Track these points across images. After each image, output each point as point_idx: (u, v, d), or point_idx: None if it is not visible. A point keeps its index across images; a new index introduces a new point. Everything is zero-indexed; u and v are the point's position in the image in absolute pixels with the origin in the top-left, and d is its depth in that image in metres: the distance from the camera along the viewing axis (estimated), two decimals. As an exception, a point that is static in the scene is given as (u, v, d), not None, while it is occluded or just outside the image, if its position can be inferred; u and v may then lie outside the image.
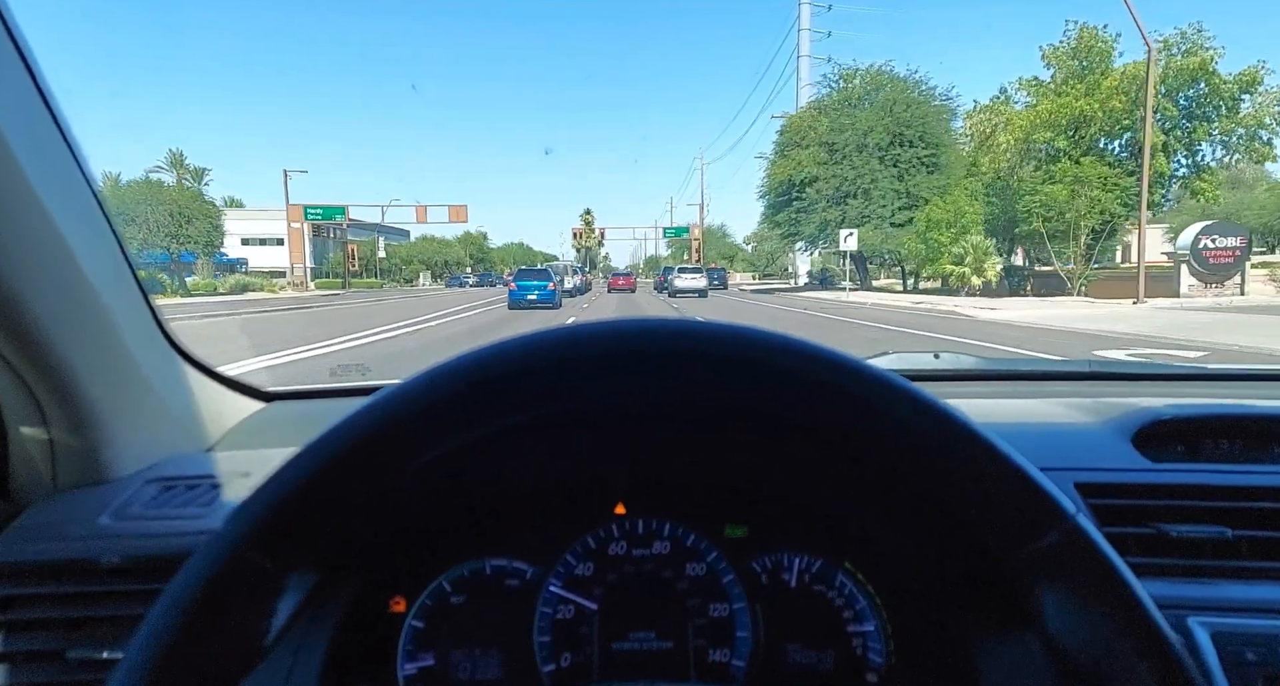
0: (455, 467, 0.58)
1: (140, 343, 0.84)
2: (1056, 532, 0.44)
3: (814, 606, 0.75)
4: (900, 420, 0.45)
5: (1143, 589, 0.43)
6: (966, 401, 1.05)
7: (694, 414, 0.55)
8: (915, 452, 0.47)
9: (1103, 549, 0.43)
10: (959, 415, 0.45)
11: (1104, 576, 0.43)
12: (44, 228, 0.68)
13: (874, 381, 0.45)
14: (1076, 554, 0.44)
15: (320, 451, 0.44)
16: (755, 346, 0.45)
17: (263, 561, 0.43)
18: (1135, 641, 0.43)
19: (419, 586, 0.74)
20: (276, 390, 1.17)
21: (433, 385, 0.45)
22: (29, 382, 0.74)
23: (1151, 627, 0.42)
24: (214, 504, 0.79)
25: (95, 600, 0.71)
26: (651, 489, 0.76)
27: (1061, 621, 0.47)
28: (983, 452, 0.45)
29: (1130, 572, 0.43)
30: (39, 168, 0.66)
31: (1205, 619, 0.65)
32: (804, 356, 0.45)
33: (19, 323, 0.68)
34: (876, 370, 0.45)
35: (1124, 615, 0.43)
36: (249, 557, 0.43)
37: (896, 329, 12.45)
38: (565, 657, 0.72)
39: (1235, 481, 0.79)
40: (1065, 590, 0.46)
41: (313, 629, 0.66)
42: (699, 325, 0.46)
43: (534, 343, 0.45)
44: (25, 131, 0.65)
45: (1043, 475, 0.45)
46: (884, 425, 0.46)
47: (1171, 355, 8.08)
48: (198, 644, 0.41)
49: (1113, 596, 0.43)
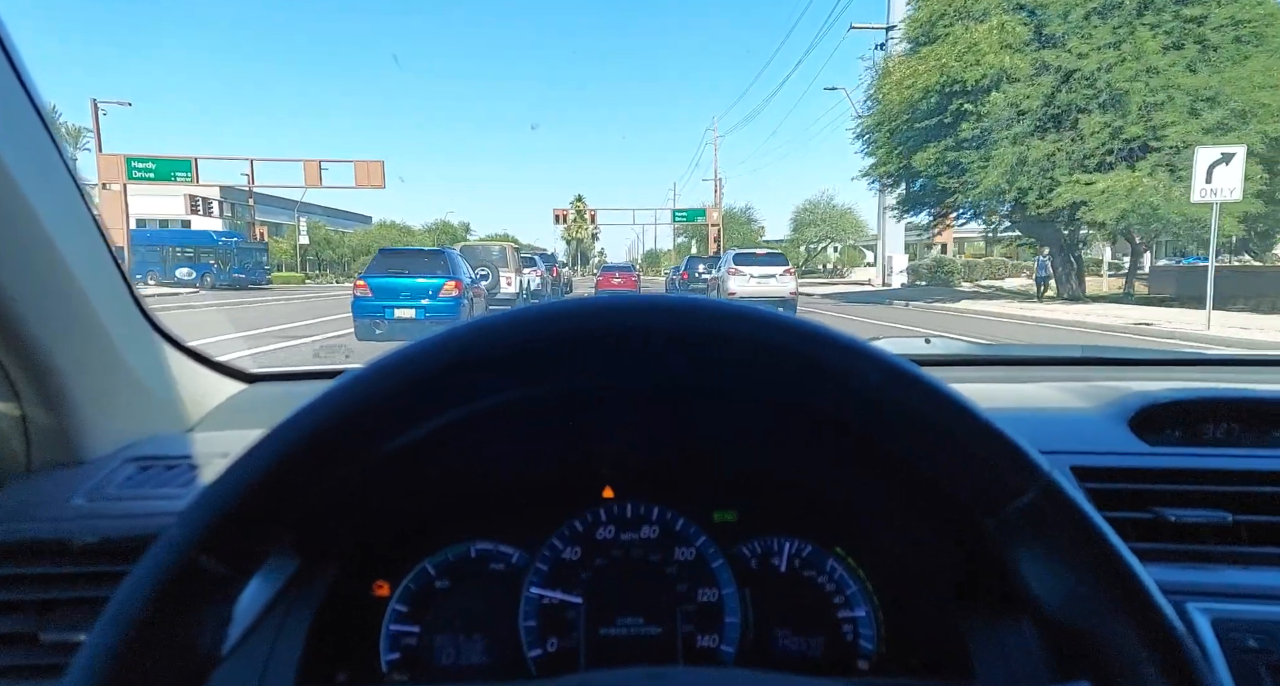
0: (438, 450, 0.57)
1: (118, 322, 0.83)
2: (1033, 491, 0.44)
3: (804, 591, 0.75)
4: (873, 386, 0.45)
5: (1122, 543, 0.43)
6: (959, 386, 0.96)
7: (679, 396, 0.55)
8: (890, 419, 0.47)
9: (1079, 504, 0.43)
10: (930, 378, 0.45)
11: (1081, 531, 0.43)
12: (15, 203, 0.66)
13: (845, 349, 0.45)
14: (1053, 511, 0.43)
15: (272, 446, 0.42)
16: (731, 319, 0.44)
17: (215, 566, 0.41)
18: (1115, 595, 0.42)
19: (403, 570, 0.73)
20: (259, 371, 1.16)
21: (400, 367, 0.43)
22: (1, 360, 0.73)
23: (1130, 577, 0.42)
24: (192, 484, 0.79)
25: (69, 581, 0.70)
26: (640, 473, 0.76)
27: (1043, 583, 0.46)
28: (954, 413, 0.45)
29: (1109, 528, 0.43)
30: (16, 153, 0.65)
31: (1205, 605, 0.64)
32: (777, 327, 0.45)
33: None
34: (847, 337, 0.45)
35: (1102, 568, 0.43)
36: (199, 563, 0.41)
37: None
38: (551, 642, 0.72)
39: (1234, 465, 0.79)
40: (1043, 549, 0.46)
41: (293, 613, 0.65)
42: (678, 300, 0.45)
43: (512, 320, 0.44)
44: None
45: (1016, 433, 0.45)
46: (857, 393, 0.46)
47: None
48: (148, 653, 0.39)
49: (1091, 552, 0.43)
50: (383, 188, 30.01)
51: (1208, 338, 10.09)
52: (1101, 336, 10.83)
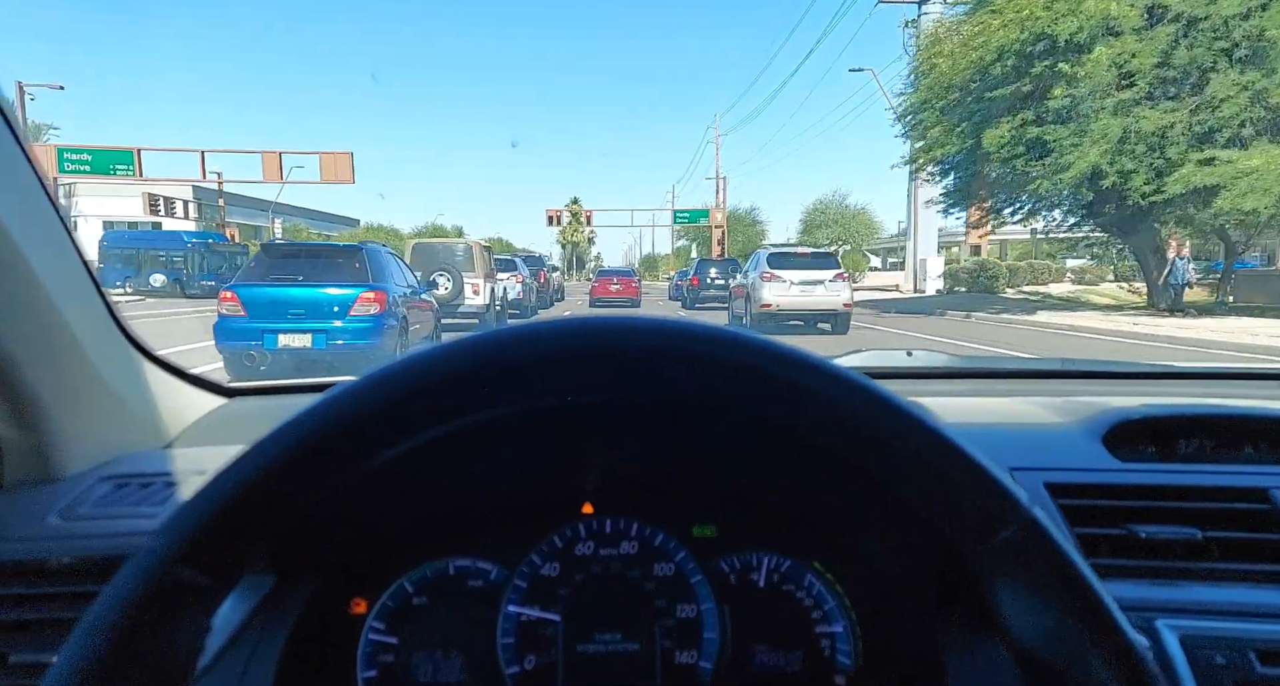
0: (416, 467, 0.57)
1: (93, 337, 0.82)
2: (1013, 527, 0.44)
3: (782, 607, 0.74)
4: (859, 416, 0.45)
5: (1098, 581, 0.43)
6: (937, 400, 1.02)
7: (658, 412, 0.56)
8: (874, 449, 0.47)
9: (1058, 543, 0.44)
10: (916, 411, 0.45)
11: (1059, 570, 0.43)
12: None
13: (830, 377, 0.45)
14: (1032, 548, 0.44)
15: (254, 460, 0.42)
16: (712, 343, 0.45)
17: (194, 577, 0.42)
18: (1090, 633, 0.43)
19: (380, 587, 0.73)
20: (237, 386, 1.14)
21: (379, 386, 0.43)
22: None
23: (1106, 619, 0.42)
24: (168, 503, 0.78)
25: (41, 602, 0.69)
26: (619, 488, 0.75)
27: (1019, 616, 0.47)
28: (939, 447, 0.45)
29: (1086, 566, 0.44)
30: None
31: (1174, 621, 0.64)
32: (763, 353, 0.45)
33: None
34: (833, 366, 0.45)
35: (1079, 608, 0.43)
36: (179, 574, 0.41)
37: None
38: (529, 660, 0.72)
39: (1205, 482, 0.78)
40: (1022, 584, 0.46)
41: (268, 631, 0.65)
42: (657, 323, 0.46)
43: (490, 341, 0.45)
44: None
45: (999, 469, 0.45)
46: (843, 421, 0.46)
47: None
48: (126, 663, 0.39)
49: (1068, 590, 0.43)
50: (351, 183, 26.64)
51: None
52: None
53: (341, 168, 26.38)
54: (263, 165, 25.52)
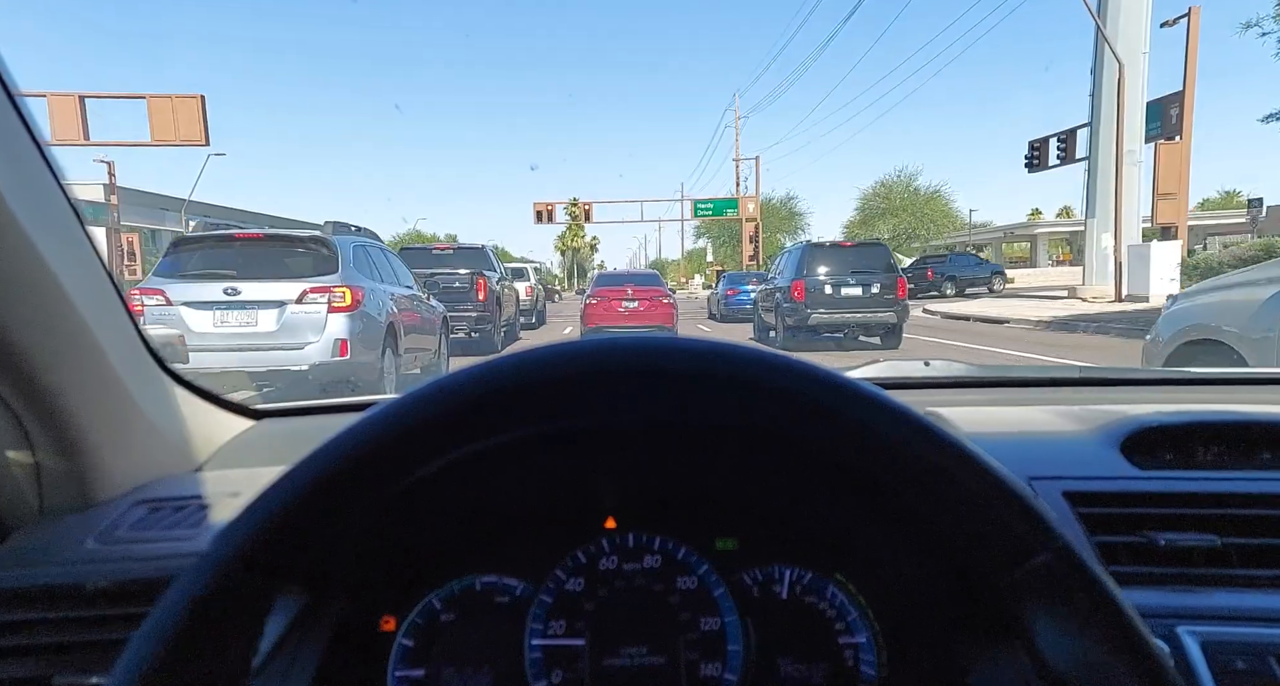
0: (444, 485, 0.58)
1: (126, 363, 0.84)
2: (1046, 552, 0.44)
3: (805, 618, 0.75)
4: (890, 439, 0.45)
5: (1133, 610, 0.43)
6: (956, 410, 1.04)
7: (683, 430, 0.56)
8: (904, 471, 0.47)
9: (1092, 569, 0.44)
10: (949, 435, 0.45)
11: (1093, 597, 0.43)
12: (23, 248, 0.67)
13: (861, 398, 0.45)
14: (1065, 574, 0.44)
15: (309, 470, 0.44)
16: (738, 363, 0.45)
17: (251, 581, 0.44)
18: (1125, 662, 0.43)
19: (409, 604, 0.74)
20: (265, 408, 1.15)
21: (423, 404, 0.45)
22: (14, 407, 0.74)
23: (1142, 648, 0.42)
24: (202, 525, 0.79)
25: (81, 625, 0.70)
26: (642, 503, 0.76)
27: (1051, 641, 0.47)
28: (973, 471, 0.45)
29: (1119, 593, 0.43)
30: (14, 185, 0.65)
31: (1195, 628, 0.65)
32: (791, 373, 0.45)
33: (2, 346, 0.68)
34: (865, 387, 0.45)
35: (1114, 636, 0.43)
36: (237, 578, 0.43)
37: None
38: (556, 674, 0.72)
39: (1223, 488, 0.79)
40: (1054, 610, 0.46)
41: (301, 650, 0.65)
42: (680, 343, 0.46)
43: (523, 362, 0.46)
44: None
45: (1033, 495, 0.45)
46: (873, 443, 0.46)
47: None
48: (183, 668, 0.41)
49: (1102, 617, 0.43)
50: (204, 144, 16.60)
51: None
52: None
53: (185, 120, 16.08)
54: (51, 113, 15.79)
